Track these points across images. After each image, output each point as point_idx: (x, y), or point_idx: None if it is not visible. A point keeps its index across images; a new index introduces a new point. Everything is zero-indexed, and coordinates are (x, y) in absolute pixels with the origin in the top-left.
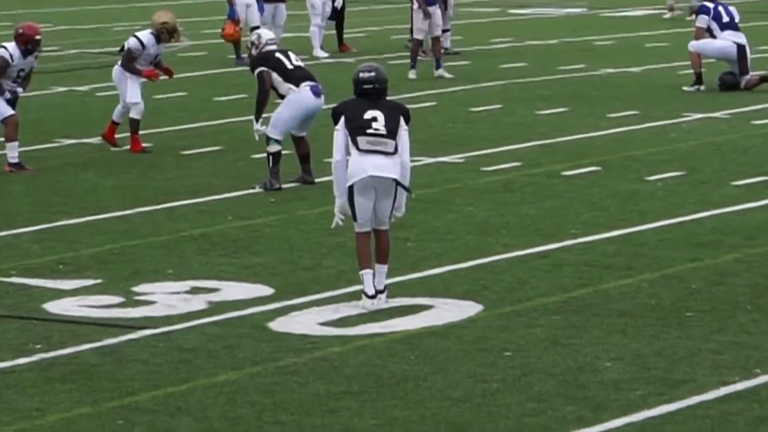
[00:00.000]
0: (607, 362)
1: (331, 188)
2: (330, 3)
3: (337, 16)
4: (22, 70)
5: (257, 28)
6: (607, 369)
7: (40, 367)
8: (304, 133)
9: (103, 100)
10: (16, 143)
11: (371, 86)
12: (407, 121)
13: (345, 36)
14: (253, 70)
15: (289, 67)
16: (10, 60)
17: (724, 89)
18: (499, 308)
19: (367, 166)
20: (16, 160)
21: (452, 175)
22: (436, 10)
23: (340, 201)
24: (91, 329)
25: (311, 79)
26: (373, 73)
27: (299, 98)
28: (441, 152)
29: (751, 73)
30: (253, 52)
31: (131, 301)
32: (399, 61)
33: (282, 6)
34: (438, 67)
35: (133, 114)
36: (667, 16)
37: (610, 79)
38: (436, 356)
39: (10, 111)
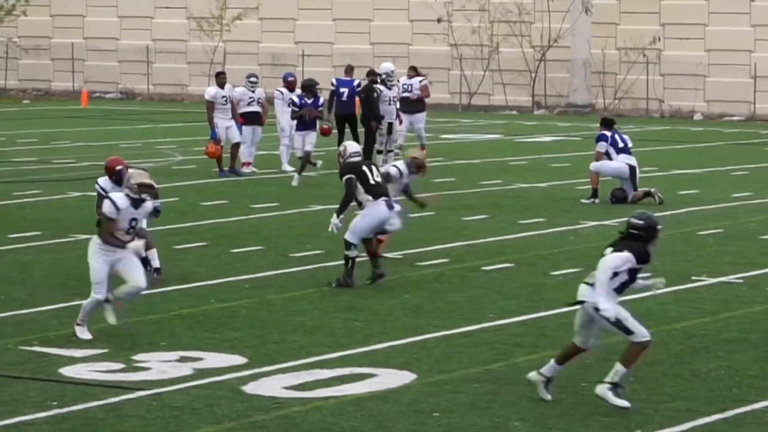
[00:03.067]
0: (516, 422)
1: (301, 279)
2: (295, 125)
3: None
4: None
5: (238, 144)
6: (516, 428)
7: (56, 420)
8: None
9: None
10: (155, 251)
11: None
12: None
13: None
14: (341, 176)
15: (371, 182)
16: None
17: (614, 202)
18: (430, 377)
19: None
20: (157, 265)
21: (393, 269)
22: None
23: None
24: (98, 390)
25: (386, 195)
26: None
27: (376, 210)
28: (384, 250)
29: (637, 189)
30: (340, 160)
31: (131, 368)
32: None
33: (258, 128)
34: None
35: None
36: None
37: (522, 192)
38: (378, 416)
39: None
